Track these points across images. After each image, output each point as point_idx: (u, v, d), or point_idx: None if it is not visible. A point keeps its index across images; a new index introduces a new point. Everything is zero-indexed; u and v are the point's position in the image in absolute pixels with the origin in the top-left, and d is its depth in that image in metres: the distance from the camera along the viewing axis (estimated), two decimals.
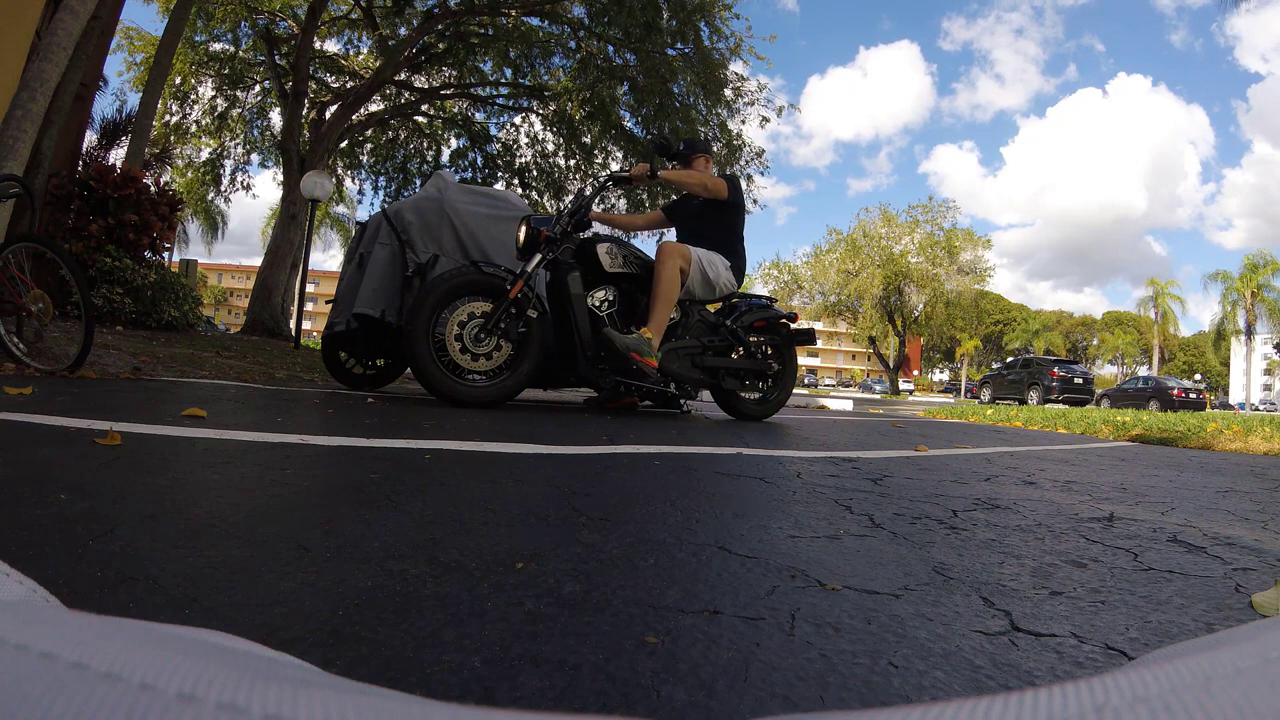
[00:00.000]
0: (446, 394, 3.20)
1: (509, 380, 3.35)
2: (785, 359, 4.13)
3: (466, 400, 3.22)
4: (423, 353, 3.15)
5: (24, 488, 1.08)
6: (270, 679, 0.15)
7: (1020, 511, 1.48)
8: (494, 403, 3.30)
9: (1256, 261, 43.68)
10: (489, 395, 3.29)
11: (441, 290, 3.22)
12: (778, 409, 4.15)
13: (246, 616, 0.66)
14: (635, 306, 3.59)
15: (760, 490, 1.55)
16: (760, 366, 3.99)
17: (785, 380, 4.14)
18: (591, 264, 3.49)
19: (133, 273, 6.68)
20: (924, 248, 31.75)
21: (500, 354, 3.35)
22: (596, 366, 3.44)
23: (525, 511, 1.16)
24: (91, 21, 5.58)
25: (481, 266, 3.33)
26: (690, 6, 11.03)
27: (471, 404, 3.21)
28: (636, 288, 3.60)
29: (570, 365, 3.48)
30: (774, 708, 0.55)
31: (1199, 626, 0.81)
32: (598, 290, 3.48)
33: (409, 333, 3.15)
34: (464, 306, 3.30)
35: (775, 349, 4.12)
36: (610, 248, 3.53)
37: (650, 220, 4.04)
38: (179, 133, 14.12)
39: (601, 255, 3.48)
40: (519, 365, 3.36)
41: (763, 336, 4.05)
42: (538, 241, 3.33)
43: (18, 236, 3.45)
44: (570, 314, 3.36)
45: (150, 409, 2.33)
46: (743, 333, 3.90)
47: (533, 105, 13.84)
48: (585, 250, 3.50)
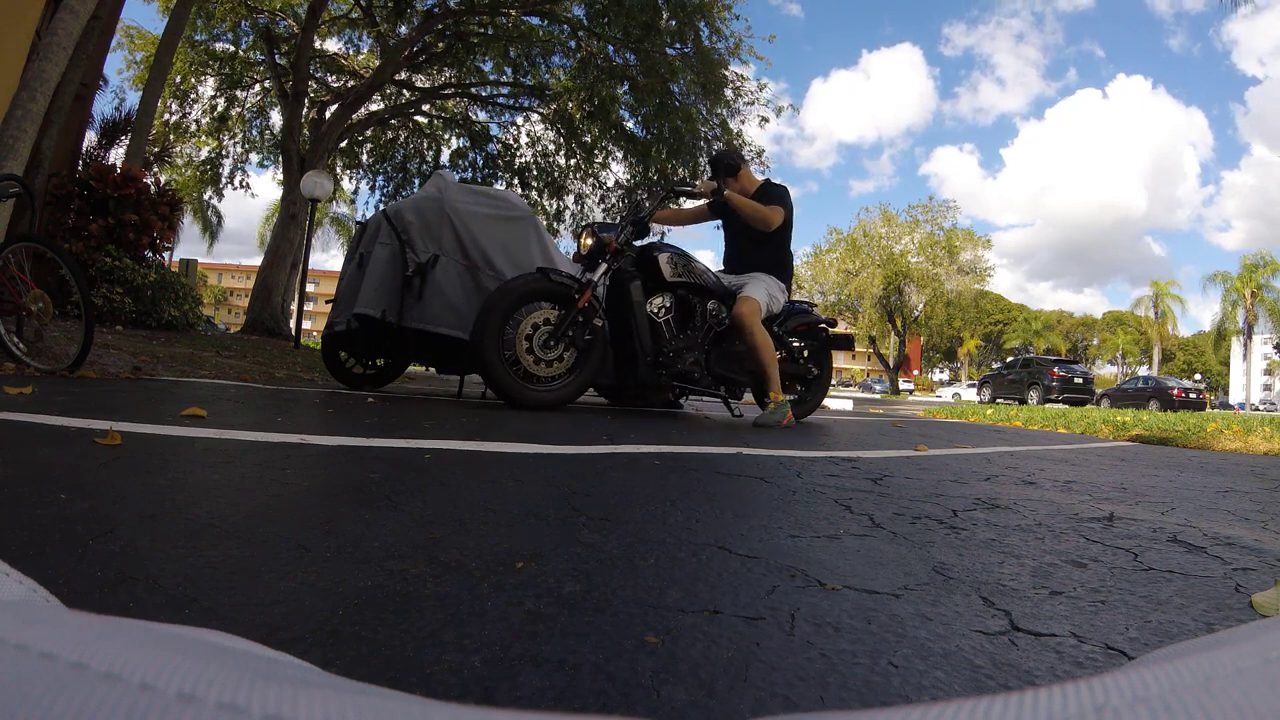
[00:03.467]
0: (515, 398, 3.27)
1: (573, 384, 3.45)
2: (822, 363, 4.26)
3: (533, 404, 3.29)
4: (493, 358, 3.20)
5: (24, 488, 1.08)
6: (270, 679, 0.15)
7: (1020, 511, 1.48)
8: (556, 406, 3.39)
9: (1256, 262, 43.71)
10: (554, 399, 3.38)
11: (512, 297, 3.28)
12: (813, 410, 4.24)
13: (246, 616, 0.66)
14: (691, 313, 3.71)
15: (760, 490, 1.55)
16: (800, 370, 4.12)
17: (822, 383, 4.27)
18: (650, 272, 3.58)
19: (133, 272, 6.68)
20: (924, 247, 31.76)
21: (566, 360, 3.44)
22: (656, 371, 3.57)
23: (525, 511, 1.16)
24: (91, 21, 5.58)
25: (550, 274, 3.39)
26: (690, 6, 11.03)
27: (537, 408, 3.29)
28: (693, 295, 3.71)
29: (629, 369, 3.60)
30: (774, 707, 0.55)
31: (1199, 626, 0.81)
32: (655, 297, 3.60)
33: (479, 337, 3.19)
34: (533, 314, 3.39)
35: (813, 353, 4.23)
36: (670, 257, 3.61)
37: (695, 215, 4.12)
38: (179, 132, 14.12)
39: (663, 265, 3.57)
40: (582, 370, 3.47)
41: (802, 341, 4.15)
42: (603, 250, 3.43)
43: (18, 236, 3.45)
44: (632, 321, 3.49)
45: (150, 409, 2.33)
46: (786, 337, 4.01)
47: (533, 105, 13.84)
48: (645, 258, 3.59)
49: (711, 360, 3.73)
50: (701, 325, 3.73)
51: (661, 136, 12.43)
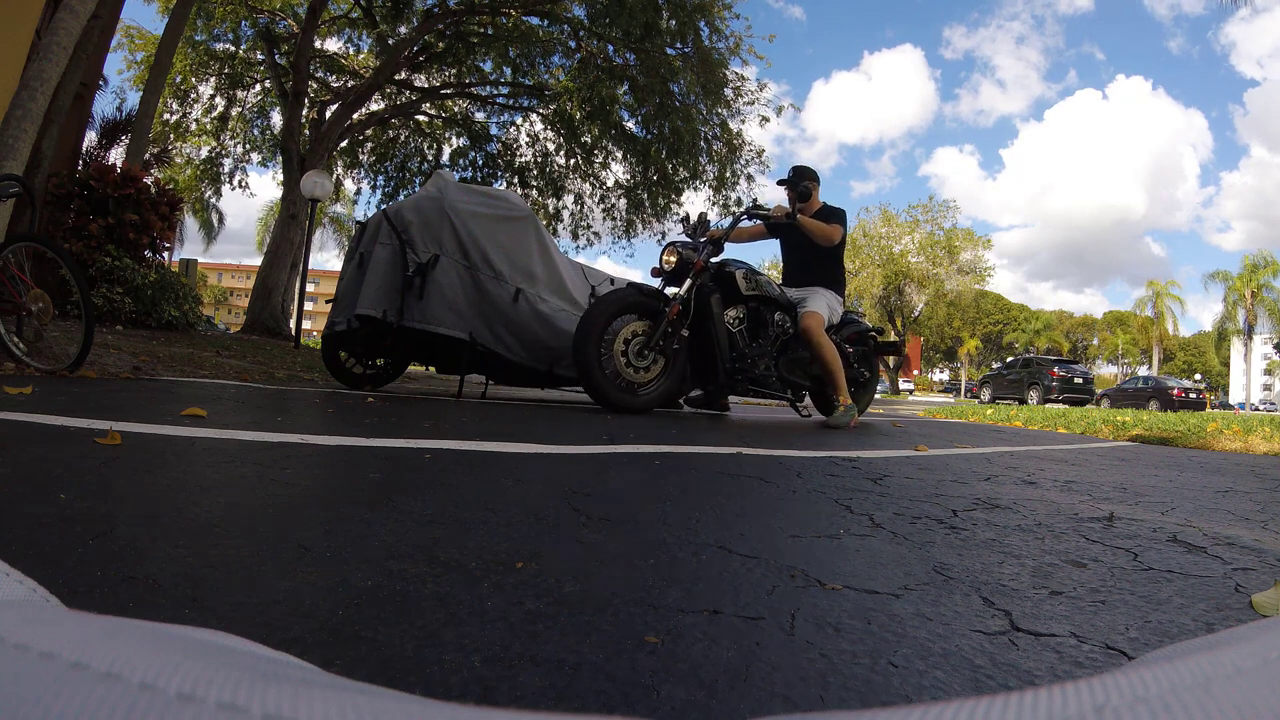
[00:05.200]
0: (612, 402, 3.56)
1: (662, 389, 3.77)
2: (872, 367, 4.69)
3: (627, 408, 3.58)
4: (594, 365, 3.50)
5: (24, 487, 1.08)
6: (270, 679, 0.15)
7: (1020, 511, 1.48)
8: (647, 410, 3.71)
9: (1257, 261, 43.69)
10: (647, 404, 3.71)
11: (611, 310, 3.60)
12: (865, 410, 4.61)
13: (246, 616, 0.66)
14: (762, 324, 4.07)
15: (760, 490, 1.55)
16: (854, 375, 4.49)
17: (871, 385, 4.70)
18: (726, 286, 3.91)
19: (133, 272, 6.68)
20: (924, 247, 31.76)
21: (656, 367, 3.76)
22: (734, 377, 3.93)
23: (525, 511, 1.16)
24: (91, 21, 5.57)
25: (641, 289, 3.80)
26: (690, 6, 11.03)
27: (630, 411, 3.57)
28: (762, 307, 4.08)
29: (709, 375, 3.97)
30: (774, 707, 0.55)
31: (1199, 626, 0.81)
32: (729, 309, 3.94)
33: (583, 350, 3.47)
34: (625, 326, 3.71)
35: (864, 358, 4.61)
36: (745, 273, 3.97)
37: (755, 233, 4.44)
38: (179, 131, 14.11)
39: (739, 280, 3.92)
40: (668, 376, 3.79)
41: (854, 348, 4.53)
42: (689, 268, 3.74)
43: (18, 236, 3.45)
44: (712, 330, 3.83)
45: (150, 408, 2.33)
46: (843, 345, 4.33)
47: (533, 105, 13.83)
48: (720, 273, 3.92)
49: (780, 366, 4.11)
50: (771, 335, 4.08)
51: (661, 136, 12.44)
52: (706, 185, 13.22)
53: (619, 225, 14.42)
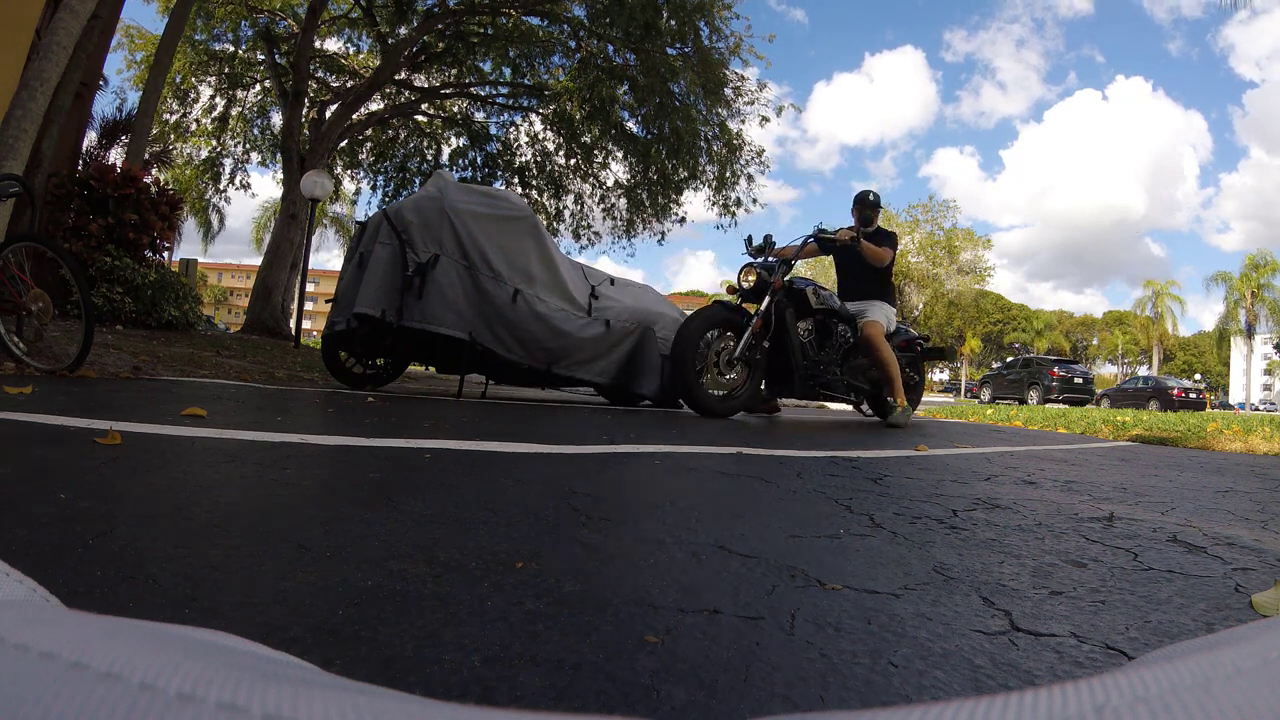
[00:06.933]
0: (704, 408, 3.87)
1: (746, 395, 4.12)
2: (920, 371, 5.15)
3: (716, 413, 3.91)
4: (691, 375, 3.81)
5: (24, 487, 1.08)
6: (270, 679, 0.15)
7: (1020, 511, 1.48)
8: (729, 414, 4.01)
9: (1258, 261, 43.68)
10: (733, 410, 4.04)
11: (704, 326, 3.95)
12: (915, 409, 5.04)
13: (246, 616, 0.66)
14: (829, 334, 4.48)
15: (760, 490, 1.55)
16: (906, 378, 4.84)
17: (920, 387, 5.17)
18: (797, 301, 4.29)
19: (133, 272, 6.67)
20: (924, 247, 31.75)
21: (740, 376, 4.13)
22: (808, 382, 4.33)
23: (525, 511, 1.16)
24: (91, 20, 5.57)
25: (725, 305, 4.18)
26: (690, 6, 11.02)
27: (721, 417, 3.91)
28: (829, 319, 4.48)
29: (784, 381, 4.34)
30: (774, 707, 0.55)
31: (1199, 626, 0.81)
32: (801, 322, 4.34)
33: (682, 365, 3.77)
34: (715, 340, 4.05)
35: (913, 363, 5.05)
36: (814, 290, 4.36)
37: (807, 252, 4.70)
38: (179, 131, 14.11)
39: (809, 295, 4.31)
40: (749, 384, 4.14)
41: (904, 354, 4.94)
42: (767, 286, 4.10)
43: (18, 236, 3.45)
44: (788, 342, 4.21)
45: (150, 408, 2.33)
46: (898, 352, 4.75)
47: (533, 105, 13.82)
48: (792, 290, 4.28)
49: (844, 372, 4.55)
50: (836, 344, 4.48)
51: (661, 136, 12.43)
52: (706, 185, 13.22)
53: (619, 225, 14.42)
